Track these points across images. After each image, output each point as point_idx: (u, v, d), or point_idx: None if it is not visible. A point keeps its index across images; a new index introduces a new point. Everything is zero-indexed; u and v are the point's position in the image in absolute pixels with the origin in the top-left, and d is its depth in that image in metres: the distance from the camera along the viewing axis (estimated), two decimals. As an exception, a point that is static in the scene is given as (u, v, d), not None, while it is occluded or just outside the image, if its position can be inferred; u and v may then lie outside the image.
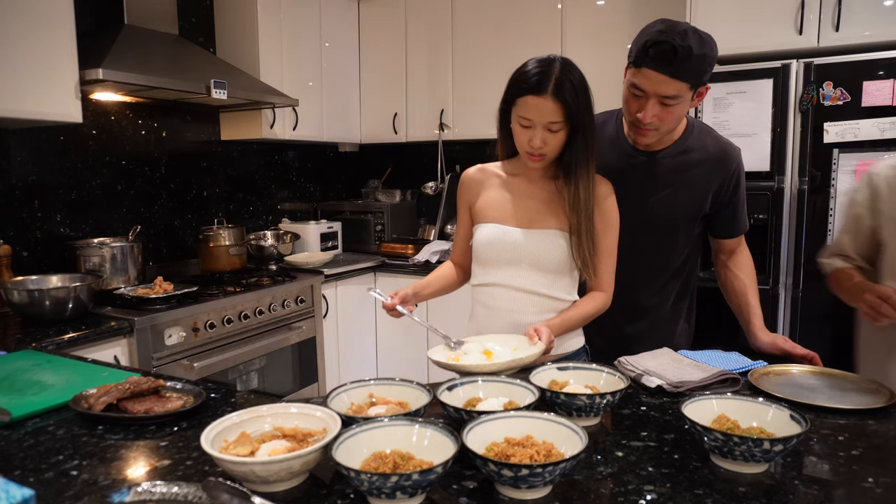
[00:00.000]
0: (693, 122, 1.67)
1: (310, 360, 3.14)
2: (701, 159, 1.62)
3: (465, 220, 1.67)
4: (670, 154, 1.63)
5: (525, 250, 1.51)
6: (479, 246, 1.57)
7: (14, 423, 1.19)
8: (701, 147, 1.63)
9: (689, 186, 1.62)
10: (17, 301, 2.18)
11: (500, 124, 1.54)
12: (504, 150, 1.59)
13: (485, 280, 1.57)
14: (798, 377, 1.38)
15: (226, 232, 3.16)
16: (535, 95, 1.38)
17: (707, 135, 1.66)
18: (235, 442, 0.96)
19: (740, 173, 1.66)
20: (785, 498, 0.89)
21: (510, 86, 1.44)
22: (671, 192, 1.62)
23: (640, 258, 1.66)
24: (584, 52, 3.25)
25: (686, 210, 1.64)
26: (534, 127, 1.40)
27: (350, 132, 3.97)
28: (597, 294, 1.55)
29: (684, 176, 1.62)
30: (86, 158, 2.81)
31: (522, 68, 1.42)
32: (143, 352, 2.30)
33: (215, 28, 3.38)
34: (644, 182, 1.63)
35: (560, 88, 1.37)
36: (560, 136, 1.42)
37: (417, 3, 3.76)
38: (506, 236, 1.53)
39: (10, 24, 2.12)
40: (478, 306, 1.61)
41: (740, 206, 1.69)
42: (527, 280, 1.52)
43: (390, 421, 0.99)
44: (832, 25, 2.44)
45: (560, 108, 1.38)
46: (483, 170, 1.65)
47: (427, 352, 1.40)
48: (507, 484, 0.88)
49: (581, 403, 1.12)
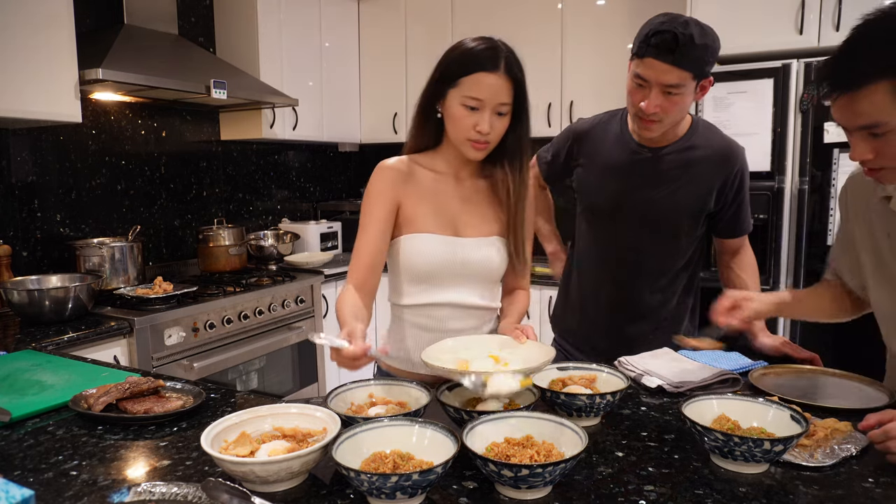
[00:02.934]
0: (698, 120, 1.66)
1: (310, 360, 3.14)
2: (705, 156, 1.60)
3: (385, 223, 1.36)
4: (674, 150, 1.61)
5: (469, 264, 1.37)
6: (418, 261, 1.36)
7: (14, 423, 1.19)
8: (705, 144, 1.62)
9: (693, 183, 1.61)
10: (16, 301, 2.17)
11: (423, 110, 1.39)
12: (419, 142, 1.44)
13: (422, 300, 1.39)
14: (798, 377, 1.38)
15: (226, 232, 3.16)
16: (487, 72, 1.26)
17: (712, 132, 1.65)
18: (235, 442, 0.96)
19: (744, 172, 1.64)
20: (785, 498, 0.89)
21: (450, 64, 1.30)
22: (674, 189, 1.61)
23: (643, 256, 1.66)
24: (584, 52, 3.26)
25: (689, 207, 1.62)
26: (482, 109, 1.27)
27: (350, 132, 3.97)
28: (522, 293, 1.49)
29: (688, 172, 1.60)
30: (86, 158, 2.81)
31: (462, 46, 1.30)
32: (142, 352, 2.30)
33: (215, 28, 3.38)
34: (648, 178, 1.62)
35: (511, 65, 1.28)
36: (505, 121, 1.31)
37: (417, 3, 3.76)
38: (451, 249, 1.36)
39: (10, 24, 2.12)
40: (411, 328, 1.41)
41: (744, 206, 1.67)
42: (471, 295, 1.40)
43: (390, 421, 0.99)
44: (832, 25, 2.44)
45: (511, 87, 1.28)
46: (405, 163, 1.42)
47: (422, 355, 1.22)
48: (507, 484, 0.88)
49: (581, 403, 1.12)
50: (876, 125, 1.02)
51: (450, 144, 1.39)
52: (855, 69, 1.01)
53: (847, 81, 1.02)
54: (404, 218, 1.38)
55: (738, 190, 1.64)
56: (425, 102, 1.38)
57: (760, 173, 2.51)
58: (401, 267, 1.39)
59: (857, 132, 1.07)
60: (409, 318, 1.42)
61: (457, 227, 1.39)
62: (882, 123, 1.01)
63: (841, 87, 1.04)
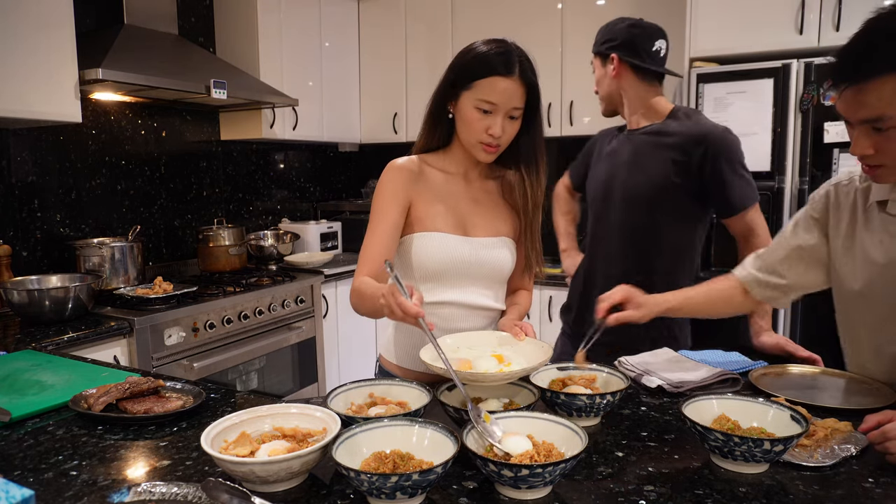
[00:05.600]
0: (679, 108, 1.74)
1: (310, 361, 3.14)
2: (674, 138, 1.67)
3: (396, 222, 1.36)
4: (647, 132, 1.73)
5: (479, 263, 1.38)
6: (428, 259, 1.36)
7: (14, 423, 1.19)
8: (678, 128, 1.69)
9: (656, 159, 1.68)
10: (16, 301, 2.17)
11: (435, 111, 1.39)
12: (429, 142, 1.44)
13: (431, 298, 1.38)
14: (798, 377, 1.38)
15: (225, 232, 3.16)
16: (503, 77, 1.27)
17: (689, 118, 1.71)
18: (235, 442, 0.96)
19: (722, 150, 1.63)
20: (785, 498, 0.89)
21: (464, 67, 1.31)
22: (643, 166, 1.70)
23: (628, 232, 1.74)
24: (584, 52, 3.24)
25: (651, 181, 1.68)
26: (496, 113, 1.29)
27: (350, 132, 3.97)
28: (525, 293, 1.51)
29: (655, 150, 1.69)
30: (86, 158, 2.81)
31: (477, 49, 1.31)
32: (142, 352, 2.30)
33: (215, 28, 3.38)
34: (625, 159, 1.75)
35: (525, 70, 1.28)
36: (517, 124, 1.33)
37: (417, 3, 3.76)
38: (461, 248, 1.37)
39: (10, 25, 2.12)
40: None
41: (728, 183, 1.65)
42: (478, 295, 1.40)
43: (390, 421, 0.99)
44: (832, 25, 2.44)
45: (525, 91, 1.29)
46: (416, 163, 1.42)
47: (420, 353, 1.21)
48: (507, 484, 0.88)
49: (581, 403, 1.12)
50: (880, 119, 1.03)
51: (459, 145, 1.40)
52: (865, 61, 1.02)
53: (856, 72, 1.02)
54: (415, 217, 1.38)
55: (715, 169, 1.63)
56: (437, 103, 1.38)
57: (760, 173, 2.51)
58: (410, 265, 1.39)
59: (860, 126, 1.07)
60: None
61: (466, 227, 1.40)
62: (887, 117, 1.02)
63: (849, 78, 1.04)
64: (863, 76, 1.02)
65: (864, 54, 1.03)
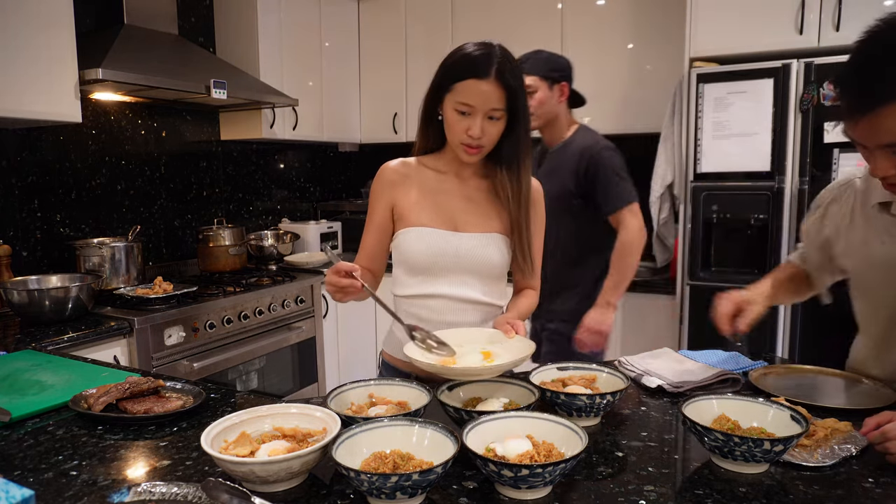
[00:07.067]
0: (581, 127, 2.14)
1: (310, 361, 3.14)
2: (569, 152, 2.09)
3: (382, 219, 1.47)
4: (555, 150, 2.15)
5: (465, 257, 1.41)
6: (412, 253, 1.42)
7: (14, 423, 1.19)
8: (573, 144, 2.10)
9: (558, 172, 2.08)
10: (16, 301, 2.17)
11: (425, 114, 1.44)
12: (424, 143, 1.49)
13: (419, 291, 1.44)
14: (798, 377, 1.38)
15: (225, 232, 3.16)
16: (478, 79, 1.29)
17: (584, 136, 2.11)
18: (235, 442, 0.96)
19: (597, 164, 2.00)
20: (785, 498, 0.89)
21: (446, 69, 1.35)
22: (553, 178, 2.04)
23: (559, 237, 2.06)
24: (584, 52, 3.25)
25: (558, 191, 2.04)
26: (474, 114, 1.31)
27: (350, 132, 3.97)
28: (530, 292, 1.53)
29: (559, 164, 2.10)
30: (86, 158, 2.81)
31: (459, 51, 1.34)
32: (142, 352, 2.30)
33: (215, 28, 3.38)
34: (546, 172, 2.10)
35: (503, 72, 1.29)
36: (499, 125, 1.34)
37: (417, 4, 3.76)
38: (445, 242, 1.41)
39: (10, 24, 2.12)
40: (409, 319, 1.41)
41: (602, 189, 2.01)
42: (467, 288, 1.42)
43: (390, 421, 0.99)
44: (832, 25, 2.44)
45: (503, 93, 1.30)
46: (406, 164, 1.49)
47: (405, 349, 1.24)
48: (507, 484, 0.88)
49: (581, 403, 1.12)
50: None
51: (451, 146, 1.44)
52: (876, 89, 0.99)
53: (869, 103, 1.00)
54: (398, 214, 1.46)
55: (593, 178, 2.02)
56: (427, 106, 1.42)
57: (760, 173, 2.51)
58: (398, 259, 1.47)
59: (878, 150, 1.05)
60: (407, 309, 1.46)
61: (457, 224, 1.44)
62: None
63: (862, 109, 1.02)
64: (876, 105, 0.99)
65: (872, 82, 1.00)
